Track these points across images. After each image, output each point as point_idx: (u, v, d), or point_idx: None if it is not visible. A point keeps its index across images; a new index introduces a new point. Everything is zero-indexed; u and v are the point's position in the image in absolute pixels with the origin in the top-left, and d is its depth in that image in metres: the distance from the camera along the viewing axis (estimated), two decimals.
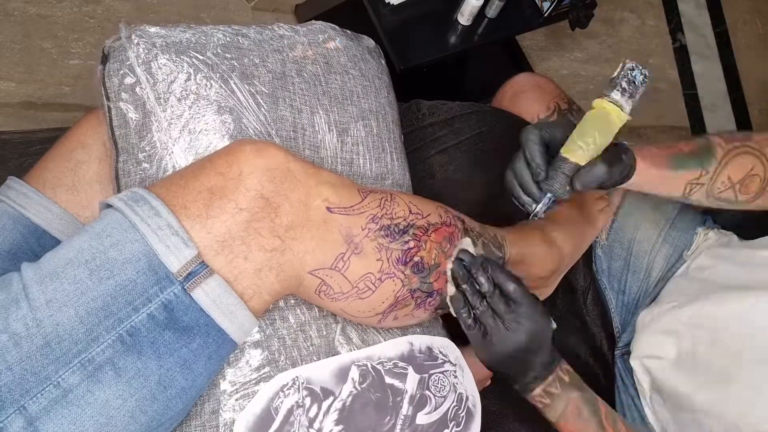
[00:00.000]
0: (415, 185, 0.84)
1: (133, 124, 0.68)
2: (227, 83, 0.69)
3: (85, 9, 1.46)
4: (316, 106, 0.74)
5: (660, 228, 1.00)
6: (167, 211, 0.55)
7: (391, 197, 0.66)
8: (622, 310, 1.02)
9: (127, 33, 0.69)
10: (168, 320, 0.54)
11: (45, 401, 0.51)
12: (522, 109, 1.07)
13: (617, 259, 1.01)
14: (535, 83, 1.10)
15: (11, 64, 1.38)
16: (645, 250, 1.00)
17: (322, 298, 0.64)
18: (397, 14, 1.28)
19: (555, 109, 1.05)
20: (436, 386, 0.69)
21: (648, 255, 0.99)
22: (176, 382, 0.55)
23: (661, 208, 1.01)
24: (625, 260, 1.01)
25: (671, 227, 1.00)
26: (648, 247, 1.00)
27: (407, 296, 0.66)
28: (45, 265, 0.54)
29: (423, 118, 1.00)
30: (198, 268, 0.55)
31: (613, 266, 1.02)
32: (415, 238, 0.65)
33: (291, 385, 0.63)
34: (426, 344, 0.71)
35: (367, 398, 0.65)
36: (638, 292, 1.00)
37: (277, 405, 0.62)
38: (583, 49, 1.87)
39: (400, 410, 0.66)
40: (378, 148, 0.79)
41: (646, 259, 0.99)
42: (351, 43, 0.81)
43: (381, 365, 0.67)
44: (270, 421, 0.61)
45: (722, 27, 2.05)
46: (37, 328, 0.51)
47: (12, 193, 0.73)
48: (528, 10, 1.35)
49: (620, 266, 1.01)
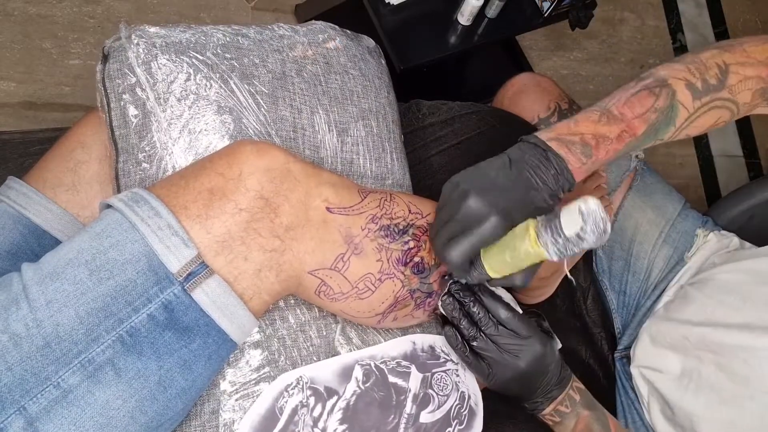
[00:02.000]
0: (415, 185, 0.84)
1: (133, 125, 0.68)
2: (227, 83, 0.69)
3: (85, 9, 1.46)
4: (316, 106, 0.74)
5: (660, 229, 1.00)
6: (167, 211, 0.55)
7: (390, 197, 0.66)
8: (622, 311, 1.02)
9: (127, 33, 0.69)
10: (168, 321, 0.54)
11: (45, 402, 0.51)
12: (522, 108, 1.07)
13: (618, 260, 1.01)
14: (536, 83, 1.09)
15: (11, 64, 1.38)
16: (645, 251, 0.99)
17: (322, 299, 0.64)
18: (397, 14, 1.28)
19: (555, 109, 1.05)
20: (439, 385, 0.69)
21: (648, 256, 0.99)
22: (176, 383, 0.55)
23: (662, 210, 1.01)
24: (625, 261, 1.01)
25: (671, 228, 0.99)
26: (648, 248, 0.99)
27: (407, 296, 0.66)
28: (45, 266, 0.54)
29: (423, 118, 1.00)
30: (198, 269, 0.55)
31: (613, 267, 1.02)
32: (415, 238, 0.65)
33: (295, 385, 0.63)
34: (428, 343, 0.71)
35: (371, 397, 0.65)
36: (638, 293, 1.00)
37: (281, 405, 0.62)
38: (583, 49, 1.87)
39: (403, 409, 0.66)
40: (378, 148, 0.79)
41: (646, 260, 0.99)
42: (351, 42, 0.81)
43: (384, 364, 0.67)
44: (275, 421, 0.61)
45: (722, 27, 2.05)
46: (37, 328, 0.51)
47: (12, 193, 0.73)
48: (528, 10, 1.35)
49: (621, 267, 1.01)
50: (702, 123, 0.67)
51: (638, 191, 1.02)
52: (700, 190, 1.85)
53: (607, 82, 1.86)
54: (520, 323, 0.66)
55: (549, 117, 1.05)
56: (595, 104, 0.65)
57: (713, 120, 0.68)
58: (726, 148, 1.93)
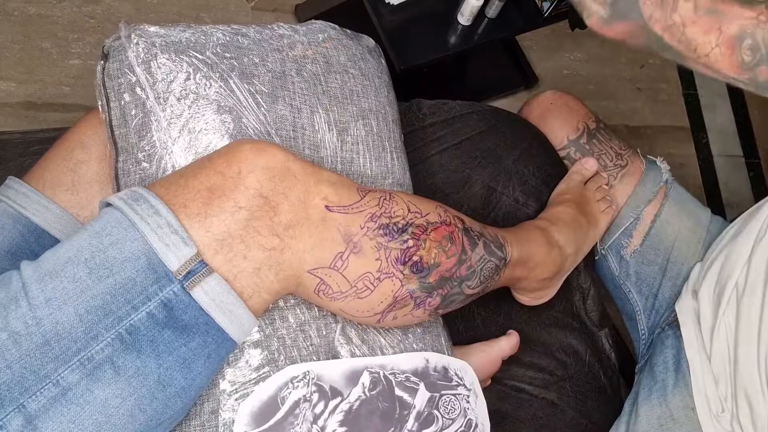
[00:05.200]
0: (415, 185, 0.84)
1: (133, 124, 0.68)
2: (227, 83, 0.69)
3: (85, 9, 1.47)
4: (316, 105, 0.74)
5: (699, 236, 1.02)
6: (167, 209, 0.55)
7: (390, 196, 0.66)
8: (651, 313, 1.02)
9: (127, 32, 0.69)
10: (167, 319, 0.54)
11: (44, 399, 0.51)
12: (550, 129, 1.07)
13: (650, 264, 1.02)
14: (563, 102, 1.09)
15: (11, 64, 1.38)
16: (684, 256, 1.01)
17: (321, 298, 0.64)
18: (397, 14, 1.28)
19: (584, 130, 1.06)
20: (446, 407, 0.68)
21: (687, 261, 1.01)
22: (175, 381, 0.55)
23: (697, 217, 1.03)
24: (660, 266, 1.01)
25: (707, 234, 1.02)
26: (688, 254, 1.01)
27: (406, 296, 0.66)
28: (44, 264, 0.54)
29: (424, 118, 1.00)
30: (197, 267, 0.55)
31: (644, 271, 1.03)
32: (414, 237, 0.65)
33: (301, 378, 0.63)
34: (442, 364, 0.71)
35: (375, 406, 0.65)
36: (673, 296, 1.00)
37: (284, 395, 0.62)
38: (583, 49, 1.87)
39: (405, 424, 0.66)
40: (378, 147, 0.79)
41: (686, 265, 1.00)
42: (351, 42, 0.81)
43: (393, 376, 0.67)
44: (275, 410, 0.61)
45: None
46: (36, 326, 0.52)
47: (11, 193, 0.73)
48: (528, 10, 1.35)
49: (654, 271, 1.02)
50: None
51: (674, 200, 1.04)
52: (700, 190, 1.85)
53: (607, 82, 1.86)
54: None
55: (579, 138, 1.05)
56: None
57: None
58: (726, 148, 1.93)
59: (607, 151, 1.05)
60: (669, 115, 1.90)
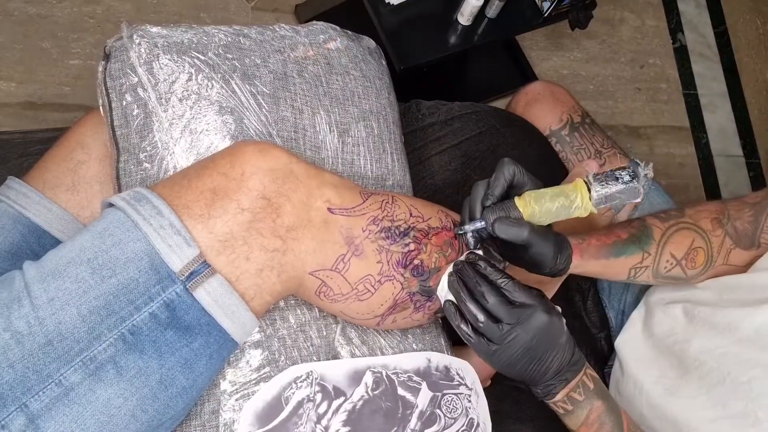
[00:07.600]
0: (415, 185, 0.85)
1: (134, 124, 0.68)
2: (228, 84, 0.69)
3: (85, 9, 1.46)
4: (317, 106, 0.74)
5: None
6: (169, 210, 0.55)
7: (392, 199, 0.66)
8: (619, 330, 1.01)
9: (129, 33, 0.69)
10: (170, 319, 0.54)
11: (47, 399, 0.51)
12: (535, 118, 1.07)
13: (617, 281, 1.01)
14: (550, 92, 1.08)
15: (11, 64, 1.38)
16: None
17: (322, 299, 0.64)
18: (397, 14, 1.28)
19: (567, 122, 1.05)
20: (448, 407, 0.68)
21: None
22: (177, 382, 0.56)
23: None
24: (624, 283, 1.00)
25: None
26: None
27: (406, 299, 0.66)
28: (47, 264, 0.55)
29: (423, 118, 1.00)
30: (200, 268, 0.55)
31: (613, 286, 1.02)
32: (416, 241, 0.65)
33: (304, 378, 0.63)
34: (444, 363, 0.71)
35: (377, 405, 0.65)
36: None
37: (288, 395, 0.62)
38: (583, 49, 1.87)
39: (407, 423, 0.66)
40: (379, 148, 0.79)
41: None
42: (352, 43, 0.81)
43: (396, 376, 0.67)
44: (279, 410, 0.61)
45: (722, 27, 2.05)
46: (39, 326, 0.52)
47: (12, 193, 0.73)
48: (528, 10, 1.35)
49: (620, 287, 1.01)
50: (680, 241, 0.78)
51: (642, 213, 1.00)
52: (700, 190, 1.85)
53: (607, 82, 1.86)
54: (521, 291, 0.62)
55: (561, 129, 1.04)
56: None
57: (689, 240, 0.79)
58: (726, 148, 1.93)
59: (587, 146, 1.04)
60: (669, 115, 1.90)
